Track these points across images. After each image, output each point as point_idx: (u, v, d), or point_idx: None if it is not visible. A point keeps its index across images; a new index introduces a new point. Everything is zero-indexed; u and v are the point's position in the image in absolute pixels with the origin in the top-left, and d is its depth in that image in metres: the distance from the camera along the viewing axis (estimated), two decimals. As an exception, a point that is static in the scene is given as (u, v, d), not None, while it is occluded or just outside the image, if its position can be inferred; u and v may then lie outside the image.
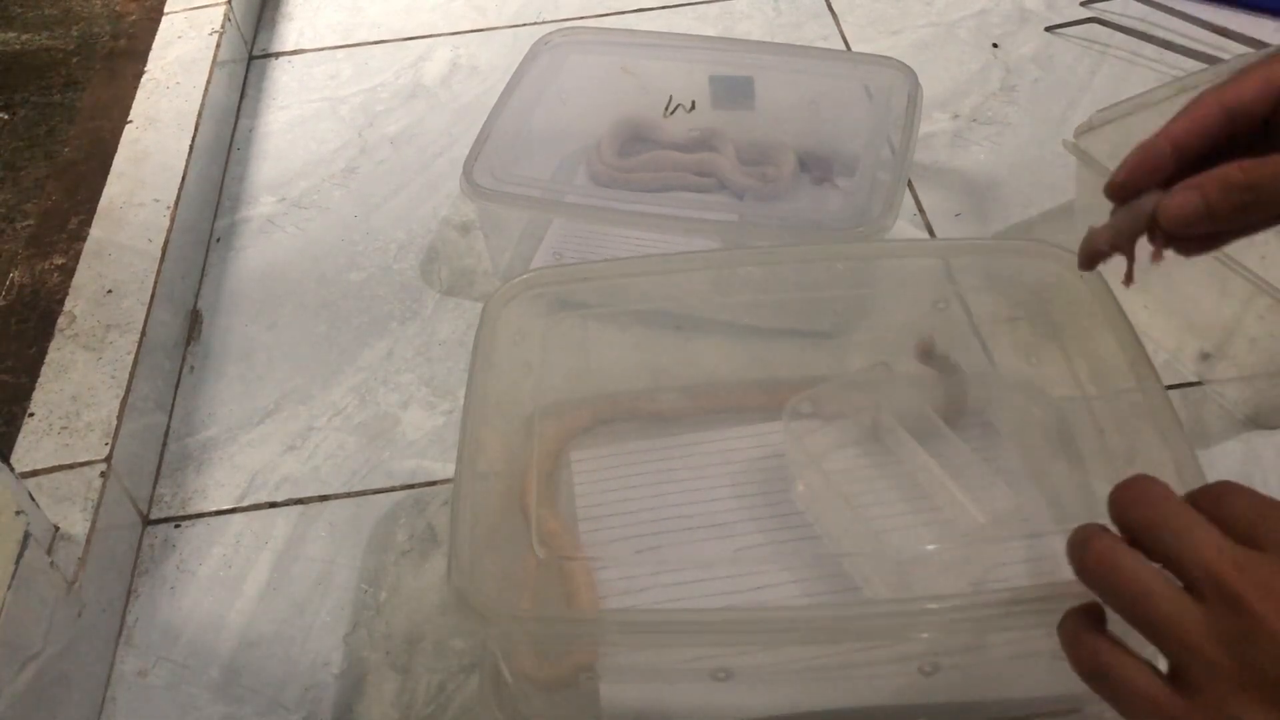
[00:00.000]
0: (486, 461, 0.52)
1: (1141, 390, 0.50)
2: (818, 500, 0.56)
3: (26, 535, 0.53)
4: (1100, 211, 0.71)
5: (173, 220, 0.77)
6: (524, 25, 1.02)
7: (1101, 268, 0.46)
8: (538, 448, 0.60)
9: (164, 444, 0.69)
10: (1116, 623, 0.36)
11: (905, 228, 0.78)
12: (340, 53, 1.01)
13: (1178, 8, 0.92)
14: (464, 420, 0.52)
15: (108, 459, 0.61)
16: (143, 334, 0.69)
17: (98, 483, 0.60)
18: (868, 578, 0.54)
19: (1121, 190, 0.41)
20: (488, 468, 0.52)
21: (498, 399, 0.55)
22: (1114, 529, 0.37)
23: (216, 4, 0.98)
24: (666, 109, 0.81)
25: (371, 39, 1.02)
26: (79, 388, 0.66)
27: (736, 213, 0.73)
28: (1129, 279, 0.44)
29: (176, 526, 0.65)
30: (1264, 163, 0.38)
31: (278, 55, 1.02)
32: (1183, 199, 0.39)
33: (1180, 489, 0.42)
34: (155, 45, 0.95)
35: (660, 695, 0.51)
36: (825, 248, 0.62)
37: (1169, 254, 0.42)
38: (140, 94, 0.89)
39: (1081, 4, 0.97)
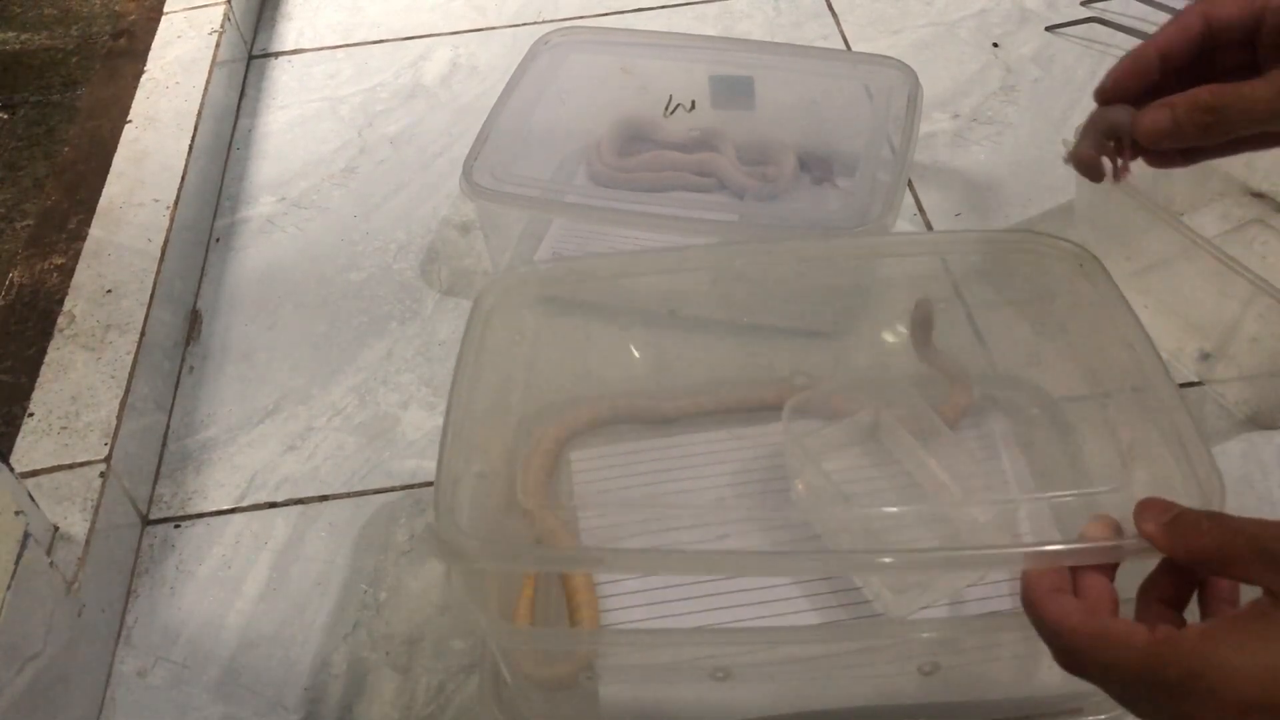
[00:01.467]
0: (485, 461, 0.52)
1: (1151, 388, 0.49)
2: (818, 500, 0.56)
3: (26, 535, 0.53)
4: (1100, 211, 0.71)
5: (172, 220, 0.77)
6: (524, 25, 1.02)
7: (1112, 266, 0.46)
8: (536, 447, 0.60)
9: (163, 444, 0.69)
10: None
11: (905, 228, 0.78)
12: (340, 52, 1.01)
13: (1178, 7, 0.92)
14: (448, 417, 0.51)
15: (107, 459, 0.61)
16: (142, 334, 0.69)
17: (97, 483, 0.60)
18: (867, 578, 0.54)
19: (1108, 95, 0.44)
20: (486, 467, 0.52)
21: (494, 398, 0.55)
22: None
23: (216, 4, 0.98)
24: (666, 109, 0.81)
25: (371, 39, 1.02)
26: (78, 388, 0.65)
27: (736, 213, 0.73)
28: (1120, 175, 0.46)
29: (176, 527, 0.64)
30: (1231, 88, 0.40)
31: (277, 55, 1.02)
32: (1154, 115, 0.42)
33: (1195, 487, 0.42)
34: (155, 45, 0.95)
35: (660, 696, 0.51)
36: (826, 243, 0.62)
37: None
38: (140, 94, 0.89)
39: (1082, 4, 0.97)
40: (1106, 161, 0.46)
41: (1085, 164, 0.46)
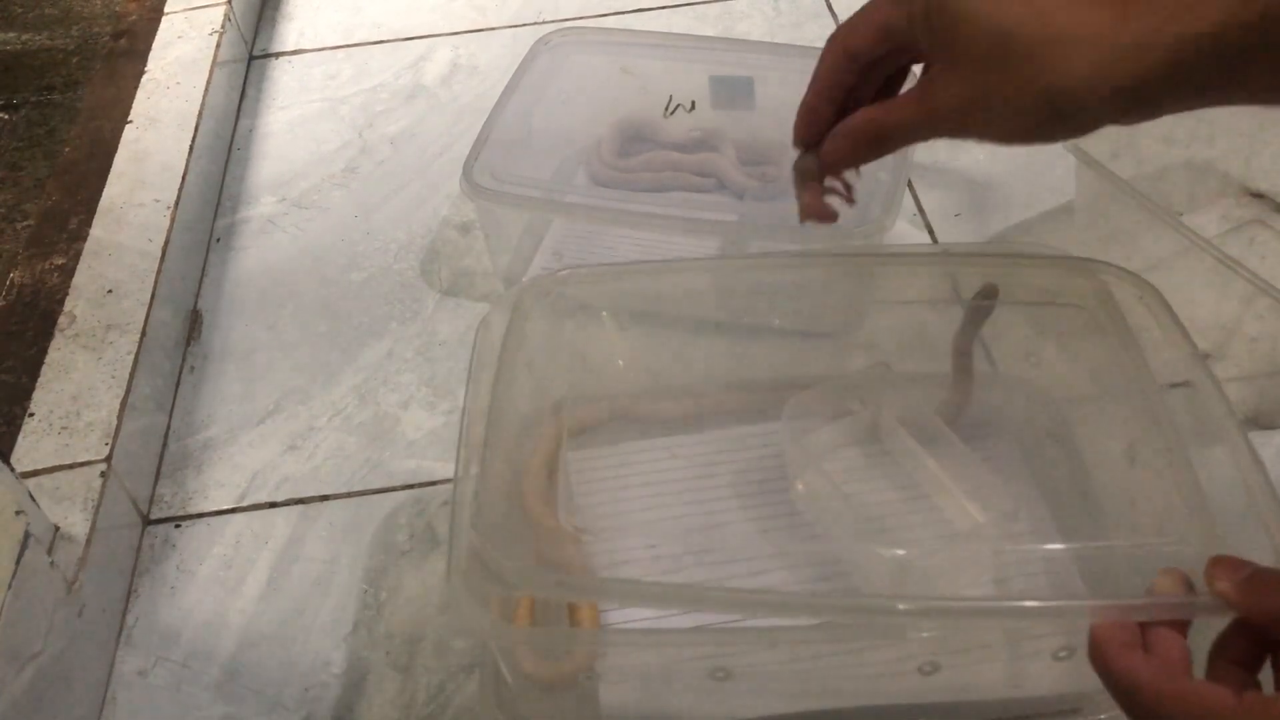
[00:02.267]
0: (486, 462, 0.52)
1: (1196, 387, 0.49)
2: (817, 500, 0.56)
3: (26, 535, 0.53)
4: (1100, 211, 0.71)
5: (173, 220, 0.78)
6: (524, 25, 1.02)
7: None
8: (538, 448, 0.60)
9: (164, 444, 0.69)
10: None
11: (905, 228, 0.78)
12: (340, 53, 1.01)
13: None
14: (463, 422, 0.52)
15: (108, 459, 0.61)
16: (143, 334, 0.69)
17: (98, 483, 0.60)
18: (867, 578, 0.54)
19: (805, 143, 0.47)
20: (488, 468, 0.52)
21: (498, 399, 0.55)
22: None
23: (216, 4, 0.98)
24: (666, 109, 0.81)
25: (371, 39, 1.02)
26: (79, 388, 0.66)
27: (736, 213, 0.73)
28: (849, 199, 0.50)
29: (176, 526, 0.65)
30: (884, 109, 0.44)
31: (278, 55, 1.02)
32: (831, 147, 0.46)
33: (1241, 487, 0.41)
34: (155, 45, 0.95)
35: (660, 696, 0.51)
36: (835, 256, 0.61)
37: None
38: (140, 94, 0.89)
39: None
40: (832, 200, 0.49)
41: (815, 214, 0.49)
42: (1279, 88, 0.36)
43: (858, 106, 0.45)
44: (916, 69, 0.44)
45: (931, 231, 0.78)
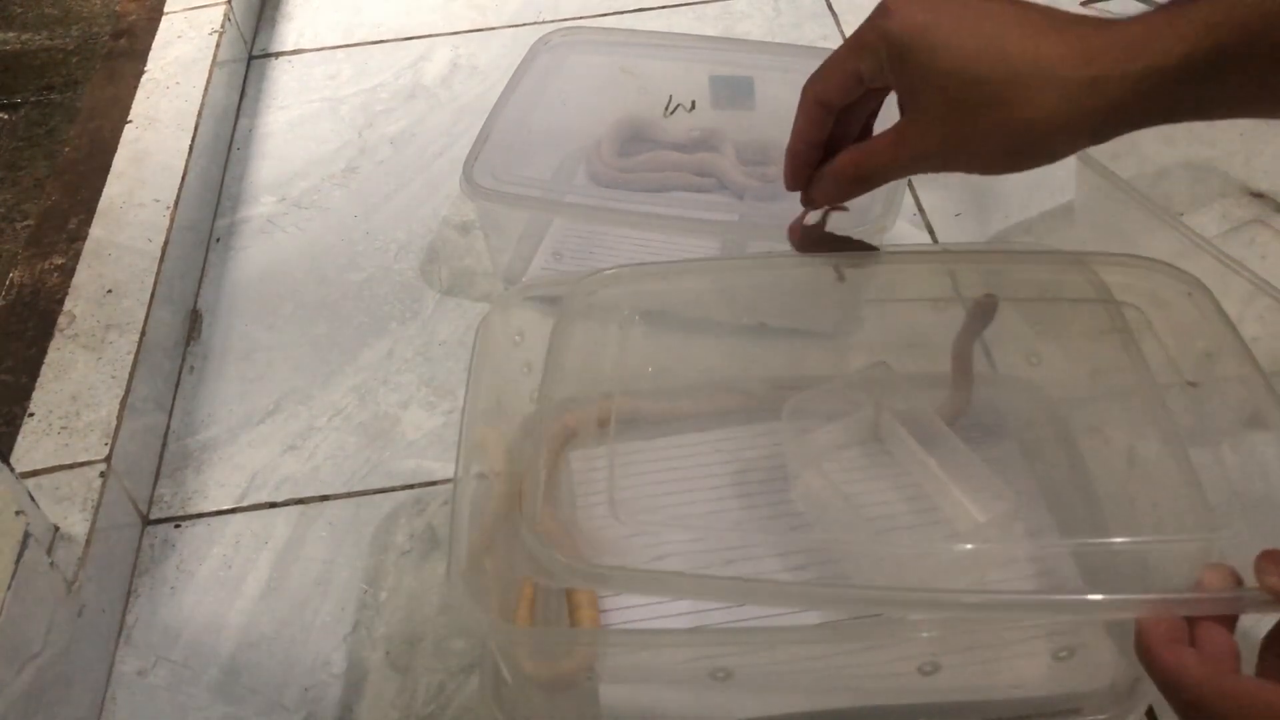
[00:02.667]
0: (486, 463, 0.52)
1: (1242, 380, 0.49)
2: (817, 500, 0.56)
3: (26, 535, 0.53)
4: (1100, 211, 0.71)
5: (172, 220, 0.77)
6: (524, 25, 1.02)
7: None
8: (539, 447, 0.60)
9: (164, 444, 0.69)
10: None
11: (905, 227, 0.78)
12: (340, 53, 1.01)
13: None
14: (463, 422, 0.52)
15: (108, 459, 0.61)
16: (143, 334, 0.69)
17: (97, 483, 0.60)
18: (869, 578, 0.53)
19: (795, 188, 0.50)
20: (488, 469, 0.52)
21: (498, 400, 0.55)
22: None
23: (216, 4, 0.98)
24: (666, 109, 0.81)
25: (371, 39, 1.02)
26: (79, 388, 0.66)
27: (736, 213, 0.73)
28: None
29: (176, 526, 0.65)
30: (862, 150, 0.45)
31: (278, 55, 1.02)
32: (820, 188, 0.48)
33: None
34: (155, 45, 0.95)
35: (660, 696, 0.51)
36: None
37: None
38: (140, 94, 0.89)
39: (1082, 4, 0.97)
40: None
41: (819, 240, 0.53)
42: (1247, 104, 0.37)
43: (843, 144, 0.47)
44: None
45: (931, 231, 0.78)
